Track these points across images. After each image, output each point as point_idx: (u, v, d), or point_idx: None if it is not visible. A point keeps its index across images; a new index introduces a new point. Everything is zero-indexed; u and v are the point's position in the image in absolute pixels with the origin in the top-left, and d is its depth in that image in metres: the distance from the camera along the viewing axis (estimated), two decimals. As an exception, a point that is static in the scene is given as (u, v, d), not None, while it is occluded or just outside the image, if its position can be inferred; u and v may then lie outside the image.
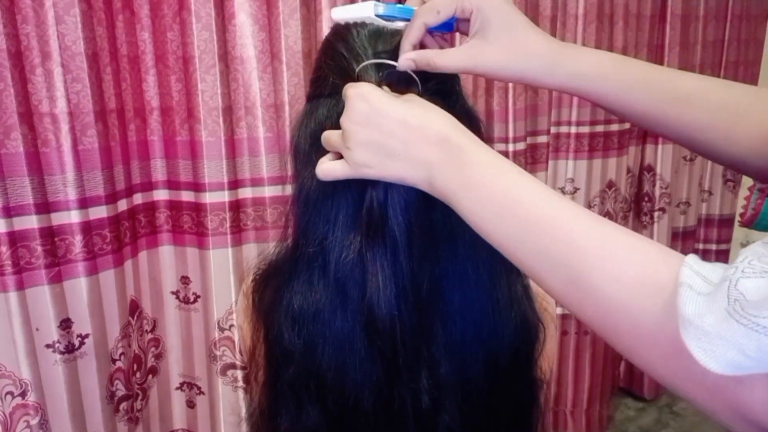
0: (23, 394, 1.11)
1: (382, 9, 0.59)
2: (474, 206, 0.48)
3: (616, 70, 0.57)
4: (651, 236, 2.08)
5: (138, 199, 1.33)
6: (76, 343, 1.18)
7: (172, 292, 1.46)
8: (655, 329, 0.38)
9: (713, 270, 0.37)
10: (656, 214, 2.06)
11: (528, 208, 0.45)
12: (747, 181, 2.17)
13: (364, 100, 0.52)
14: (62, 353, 1.15)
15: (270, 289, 0.68)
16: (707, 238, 2.33)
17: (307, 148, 0.62)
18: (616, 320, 0.40)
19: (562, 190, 1.88)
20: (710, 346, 0.34)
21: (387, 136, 0.51)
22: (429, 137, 0.50)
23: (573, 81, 0.57)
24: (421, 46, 0.59)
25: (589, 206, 1.92)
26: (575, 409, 2.09)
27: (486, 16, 0.55)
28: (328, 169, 0.56)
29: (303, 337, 0.63)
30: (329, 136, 0.57)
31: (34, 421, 1.13)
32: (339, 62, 0.60)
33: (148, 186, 1.36)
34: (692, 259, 0.38)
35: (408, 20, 0.58)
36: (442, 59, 0.56)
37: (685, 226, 2.21)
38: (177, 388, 1.53)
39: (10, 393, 1.10)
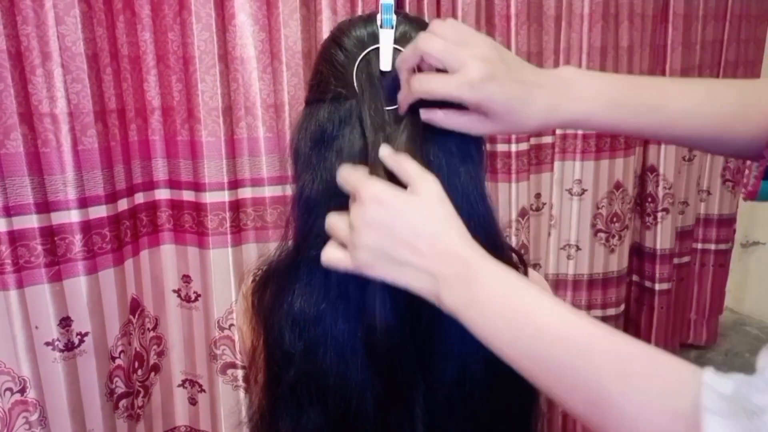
0: (22, 391, 1.13)
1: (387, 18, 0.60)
2: (484, 324, 0.47)
3: (616, 103, 0.56)
4: (654, 237, 2.07)
5: (140, 198, 1.34)
6: (76, 341, 1.19)
7: (174, 291, 1.47)
8: None
9: (733, 386, 0.37)
10: (659, 214, 2.04)
11: (541, 326, 0.45)
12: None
13: (378, 203, 0.51)
14: (61, 351, 1.17)
15: (270, 291, 0.67)
16: (706, 238, 2.31)
17: (308, 150, 0.62)
18: None
19: (570, 192, 1.86)
20: None
21: (396, 244, 0.50)
22: (438, 250, 0.49)
23: (575, 123, 0.57)
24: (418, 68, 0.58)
25: (597, 208, 1.91)
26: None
27: (489, 107, 0.54)
28: (332, 258, 0.55)
29: (304, 339, 0.63)
30: (335, 224, 0.55)
31: (33, 417, 1.14)
32: (336, 67, 0.61)
33: (150, 185, 1.37)
34: (710, 377, 0.38)
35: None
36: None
37: (683, 225, 2.20)
38: (179, 386, 1.54)
39: (9, 389, 1.12)
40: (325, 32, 1.38)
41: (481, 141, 0.65)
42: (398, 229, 0.50)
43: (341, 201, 0.59)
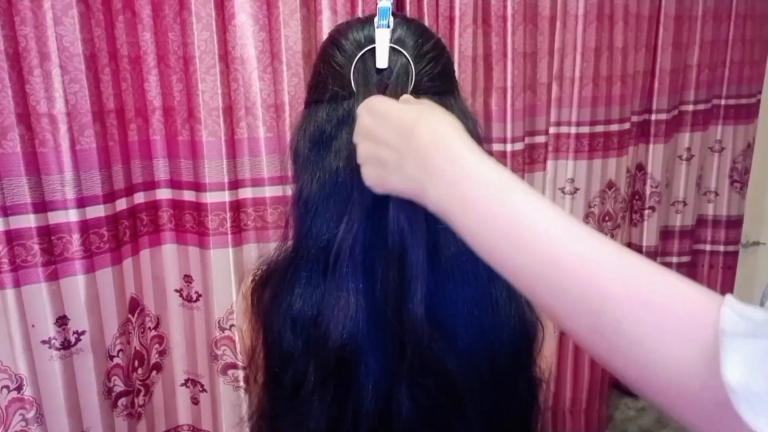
0: (19, 388, 1.14)
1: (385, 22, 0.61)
2: (475, 229, 0.42)
3: None
4: (640, 234, 2.06)
5: (140, 198, 1.35)
6: (72, 339, 1.20)
7: (176, 290, 1.47)
8: (696, 386, 0.33)
9: (756, 311, 0.33)
10: (646, 212, 2.03)
11: (542, 240, 0.39)
12: (755, 184, 2.07)
13: (368, 111, 0.52)
14: (58, 349, 1.17)
15: (269, 291, 0.68)
16: (715, 239, 2.28)
17: (306, 151, 0.63)
18: (651, 374, 0.36)
19: (562, 191, 1.85)
20: (762, 408, 0.30)
21: (382, 146, 0.49)
22: (419, 145, 0.45)
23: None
24: None
25: (589, 206, 1.89)
26: (574, 408, 2.06)
27: None
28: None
29: (303, 338, 0.63)
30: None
31: (30, 415, 1.15)
32: (335, 68, 0.61)
33: (151, 185, 1.38)
34: (731, 300, 0.34)
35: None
36: None
37: (681, 225, 2.17)
38: (182, 385, 1.55)
39: (6, 387, 1.13)
40: (325, 32, 1.37)
41: (480, 142, 0.64)
42: (382, 129, 0.49)
43: (340, 201, 0.60)
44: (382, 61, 0.59)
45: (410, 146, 0.46)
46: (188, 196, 1.39)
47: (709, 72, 2.03)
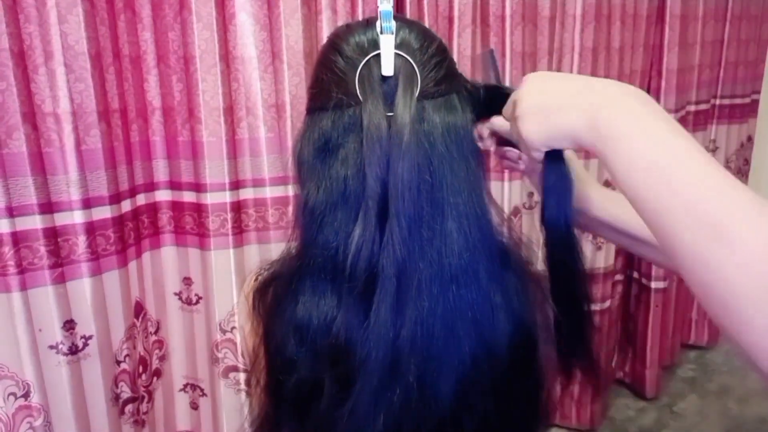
0: (26, 396, 1.10)
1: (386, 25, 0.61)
2: (639, 157, 0.46)
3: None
4: None
5: (141, 199, 1.33)
6: (80, 344, 1.17)
7: (175, 293, 1.45)
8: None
9: None
10: None
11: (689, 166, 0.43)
12: (757, 167, 2.14)
13: (539, 77, 0.58)
14: (66, 354, 1.14)
15: (272, 295, 0.67)
16: None
17: (311, 159, 0.62)
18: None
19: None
20: None
21: (556, 95, 0.54)
22: (606, 91, 0.51)
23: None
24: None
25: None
26: (565, 401, 2.10)
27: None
28: (496, 122, 0.66)
29: (308, 347, 0.62)
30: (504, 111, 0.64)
31: (37, 423, 1.12)
32: (338, 74, 0.60)
33: (151, 186, 1.36)
34: None
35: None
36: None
37: None
38: (180, 390, 1.52)
39: (13, 394, 1.09)
40: (326, 32, 1.38)
41: (477, 143, 0.66)
42: (559, 84, 0.56)
43: (347, 209, 0.59)
44: (387, 68, 0.59)
45: (591, 89, 0.52)
46: (188, 197, 1.37)
47: (709, 71, 2.09)
